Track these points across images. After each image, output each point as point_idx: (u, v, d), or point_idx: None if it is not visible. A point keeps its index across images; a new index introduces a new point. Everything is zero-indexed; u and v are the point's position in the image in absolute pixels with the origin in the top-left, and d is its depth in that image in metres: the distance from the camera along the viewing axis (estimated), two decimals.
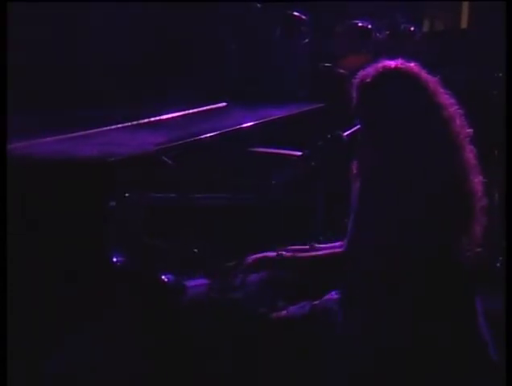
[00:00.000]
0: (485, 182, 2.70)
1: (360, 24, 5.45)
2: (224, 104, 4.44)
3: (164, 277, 2.89)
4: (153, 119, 3.80)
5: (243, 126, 3.67)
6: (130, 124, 3.65)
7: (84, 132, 3.42)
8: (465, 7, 8.37)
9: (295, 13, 5.32)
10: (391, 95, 2.66)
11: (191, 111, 4.10)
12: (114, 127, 3.56)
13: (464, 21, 8.42)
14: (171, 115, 3.94)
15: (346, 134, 3.16)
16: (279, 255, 2.84)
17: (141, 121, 3.72)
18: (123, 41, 5.19)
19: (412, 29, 6.08)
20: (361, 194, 2.68)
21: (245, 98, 4.66)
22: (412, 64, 2.70)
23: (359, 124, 2.78)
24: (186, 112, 4.07)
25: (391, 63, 2.69)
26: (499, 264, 4.75)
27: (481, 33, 6.55)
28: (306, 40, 5.37)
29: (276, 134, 3.96)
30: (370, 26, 5.47)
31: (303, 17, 5.33)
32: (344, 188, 2.87)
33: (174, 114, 3.96)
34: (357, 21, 5.49)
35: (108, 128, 3.52)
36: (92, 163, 2.92)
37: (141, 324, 2.84)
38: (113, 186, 2.95)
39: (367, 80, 2.68)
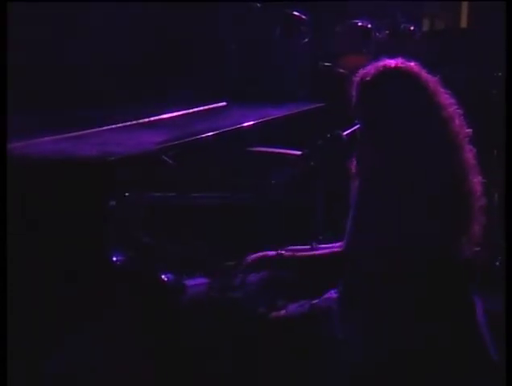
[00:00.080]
0: (485, 182, 2.70)
1: (360, 24, 5.45)
2: (224, 103, 4.44)
3: (164, 277, 2.88)
4: (152, 118, 3.80)
5: (243, 126, 3.66)
6: (130, 123, 3.64)
7: (83, 131, 3.42)
8: (465, 7, 8.37)
9: (295, 12, 5.32)
10: (391, 94, 2.66)
11: (190, 110, 4.10)
12: (114, 126, 3.56)
13: (463, 20, 8.42)
14: (171, 114, 3.94)
15: (346, 134, 3.16)
16: (279, 255, 2.85)
17: (140, 121, 3.72)
18: (123, 41, 5.18)
19: (412, 28, 6.07)
20: (361, 194, 2.68)
21: (245, 98, 4.66)
22: (412, 64, 2.70)
23: (358, 123, 2.78)
24: (185, 111, 4.06)
25: (391, 62, 2.69)
26: (498, 263, 4.75)
27: (481, 32, 6.54)
28: (306, 40, 5.37)
29: (276, 134, 3.95)
30: (370, 25, 5.46)
31: (303, 16, 5.33)
32: (344, 188, 2.87)
33: (173, 114, 3.96)
34: (357, 20, 5.48)
35: (107, 127, 3.52)
36: (92, 163, 2.92)
37: (141, 324, 2.84)
38: (112, 185, 2.95)
39: (367, 79, 2.68)
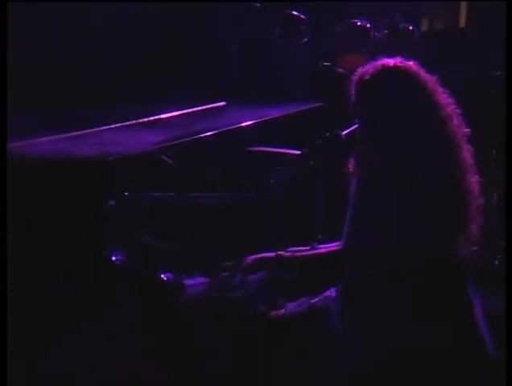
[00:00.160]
0: (483, 181, 2.71)
1: (359, 23, 5.45)
2: (223, 103, 4.44)
3: (163, 276, 2.89)
4: (152, 118, 3.80)
5: (242, 125, 3.67)
6: (129, 123, 3.65)
7: (82, 131, 3.42)
8: (463, 7, 8.36)
9: (294, 12, 5.32)
10: (390, 93, 2.66)
11: (190, 110, 4.10)
12: (113, 126, 3.56)
13: (462, 20, 8.40)
14: (170, 114, 3.94)
15: (345, 133, 3.16)
16: (278, 255, 2.85)
17: (139, 121, 3.73)
18: (123, 41, 5.19)
19: (411, 28, 6.07)
20: (360, 193, 2.68)
21: (244, 98, 4.66)
22: (411, 63, 2.70)
23: (357, 122, 2.78)
24: (185, 111, 4.06)
25: (390, 61, 2.69)
26: (497, 262, 4.76)
27: (480, 32, 6.54)
28: (305, 39, 5.37)
29: (275, 133, 3.95)
30: (369, 25, 5.46)
31: (302, 16, 5.33)
32: (343, 187, 2.87)
33: (173, 113, 3.96)
34: (356, 20, 5.48)
35: (106, 127, 3.53)
36: (91, 162, 2.93)
37: (140, 323, 2.84)
38: (112, 185, 2.95)
39: (366, 78, 2.68)
